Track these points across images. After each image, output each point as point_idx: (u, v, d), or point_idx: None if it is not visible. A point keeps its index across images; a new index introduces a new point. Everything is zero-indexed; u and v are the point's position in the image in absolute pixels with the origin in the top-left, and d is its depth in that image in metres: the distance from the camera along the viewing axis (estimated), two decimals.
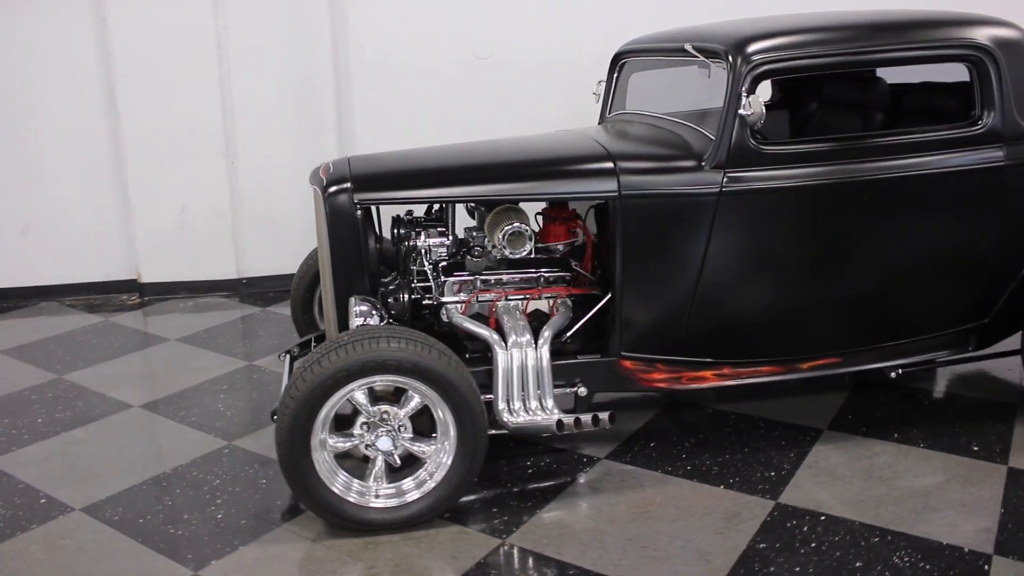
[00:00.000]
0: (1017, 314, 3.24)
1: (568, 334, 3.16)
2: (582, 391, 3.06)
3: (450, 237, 3.23)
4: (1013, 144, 3.00)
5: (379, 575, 2.50)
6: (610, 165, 2.93)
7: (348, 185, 2.93)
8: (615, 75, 3.86)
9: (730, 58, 2.86)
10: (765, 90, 4.10)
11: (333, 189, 2.94)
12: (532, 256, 3.18)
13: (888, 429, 3.29)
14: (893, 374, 3.27)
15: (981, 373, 3.78)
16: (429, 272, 3.12)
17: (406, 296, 3.10)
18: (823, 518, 2.73)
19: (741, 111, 2.79)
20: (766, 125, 4.02)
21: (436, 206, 3.39)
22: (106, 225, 5.00)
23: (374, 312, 2.94)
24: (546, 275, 3.17)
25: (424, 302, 3.12)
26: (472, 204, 3.35)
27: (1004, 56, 2.95)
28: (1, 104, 4.82)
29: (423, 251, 3.13)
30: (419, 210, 3.42)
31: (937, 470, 2.99)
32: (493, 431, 2.87)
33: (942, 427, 3.29)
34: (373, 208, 3.14)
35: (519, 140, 3.34)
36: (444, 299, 3.11)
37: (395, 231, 3.26)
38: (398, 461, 2.72)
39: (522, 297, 3.12)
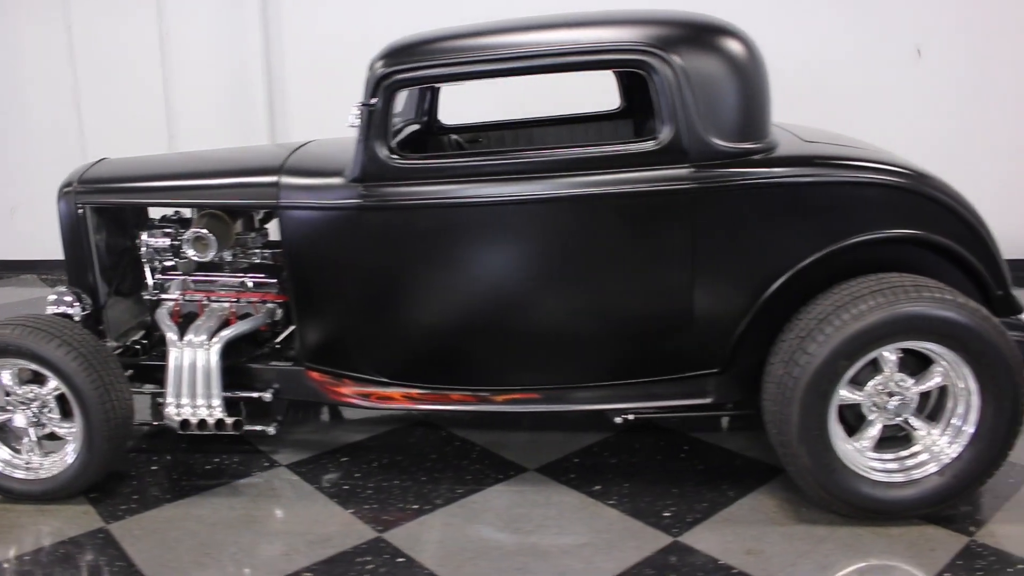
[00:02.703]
0: (755, 366, 2.74)
1: (277, 340, 3.21)
2: (267, 396, 3.07)
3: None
4: (701, 164, 2.56)
5: None
6: (274, 178, 2.91)
7: (72, 187, 3.19)
8: None
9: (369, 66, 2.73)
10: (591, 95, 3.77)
11: (62, 191, 3.23)
12: (248, 261, 3.24)
13: (598, 480, 2.93)
14: (618, 419, 2.91)
15: None
16: (147, 270, 3.29)
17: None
18: (401, 560, 2.52)
19: (350, 122, 2.65)
20: (608, 132, 3.72)
21: None
22: None
23: (76, 303, 3.16)
24: (253, 280, 3.20)
25: (145, 298, 3.30)
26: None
27: (686, 63, 2.51)
28: None
29: (143, 250, 3.29)
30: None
31: (590, 531, 2.64)
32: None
33: (658, 487, 2.87)
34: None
35: (237, 150, 3.39)
36: (162, 296, 3.26)
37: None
38: (35, 437, 2.91)
39: (225, 300, 3.17)
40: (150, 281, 3.25)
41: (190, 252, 3.09)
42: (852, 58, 4.89)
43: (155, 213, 3.44)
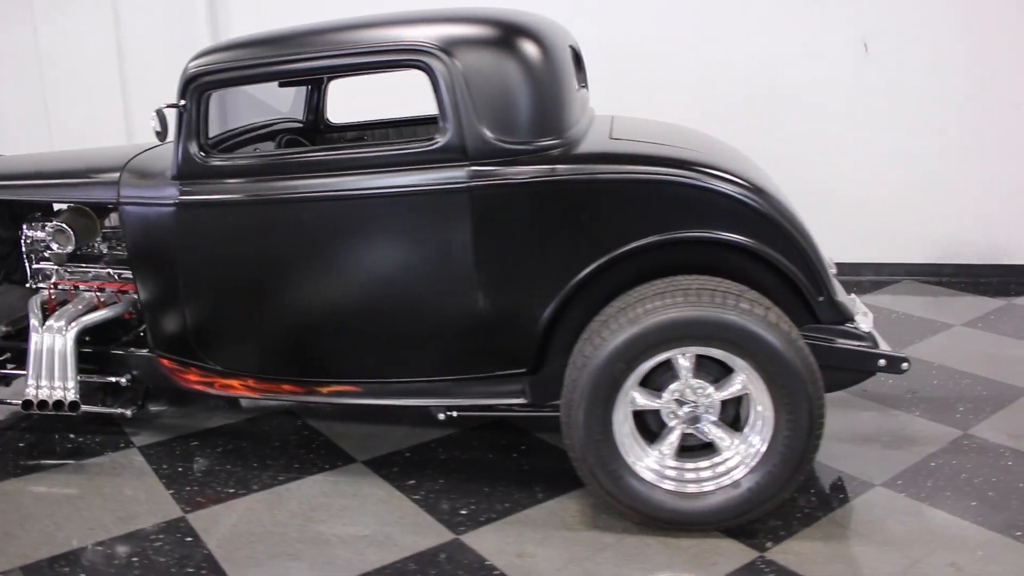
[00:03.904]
0: (562, 367, 2.71)
1: (140, 328, 3.37)
2: (123, 381, 3.23)
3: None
4: (482, 163, 2.54)
5: None
6: (116, 176, 3.05)
7: None
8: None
9: None
10: None
11: None
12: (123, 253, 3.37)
13: (417, 474, 2.96)
14: (442, 415, 2.92)
15: None
16: (26, 261, 3.48)
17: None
18: (189, 540, 2.62)
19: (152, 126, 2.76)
20: None
21: None
22: None
23: None
24: (118, 272, 3.35)
25: (26, 286, 3.50)
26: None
27: (465, 62, 2.50)
28: None
29: (22, 241, 3.49)
30: None
31: (377, 524, 2.68)
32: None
33: (471, 484, 2.88)
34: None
35: (106, 149, 3.52)
36: (38, 285, 3.47)
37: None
38: None
39: (88, 289, 3.34)
40: (28, 270, 3.47)
41: (52, 244, 3.28)
42: (795, 54, 4.70)
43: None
